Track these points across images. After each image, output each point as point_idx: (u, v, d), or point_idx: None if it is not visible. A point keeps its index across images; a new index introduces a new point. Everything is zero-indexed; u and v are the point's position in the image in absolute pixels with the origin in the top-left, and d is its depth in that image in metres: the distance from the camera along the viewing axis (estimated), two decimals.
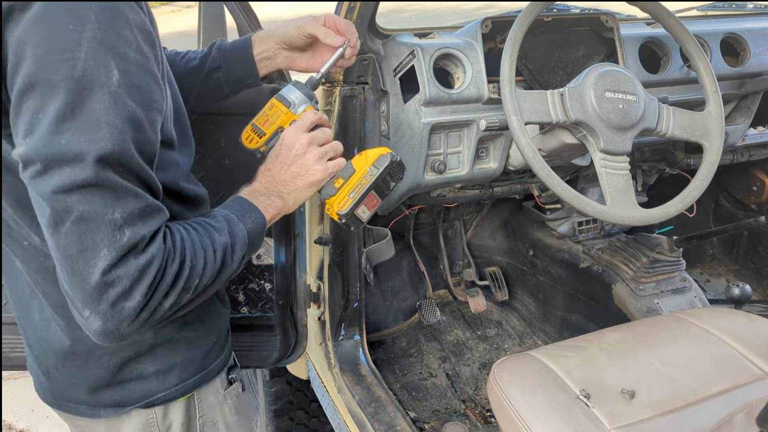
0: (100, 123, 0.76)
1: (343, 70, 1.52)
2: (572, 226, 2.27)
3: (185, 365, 1.04)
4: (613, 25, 1.69)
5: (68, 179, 0.75)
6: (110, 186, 0.77)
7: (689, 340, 1.45)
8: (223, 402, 1.14)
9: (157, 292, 0.81)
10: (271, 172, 1.07)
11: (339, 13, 1.44)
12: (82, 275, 0.77)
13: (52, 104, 0.74)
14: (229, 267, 0.93)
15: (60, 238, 0.77)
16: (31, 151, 0.75)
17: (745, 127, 1.99)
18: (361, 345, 1.84)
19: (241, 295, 1.69)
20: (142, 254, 0.79)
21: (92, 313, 0.79)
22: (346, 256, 1.73)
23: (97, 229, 0.77)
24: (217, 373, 1.12)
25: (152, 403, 1.03)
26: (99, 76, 0.76)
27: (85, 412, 1.04)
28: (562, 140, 1.48)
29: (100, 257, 0.77)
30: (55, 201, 0.76)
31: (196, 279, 0.86)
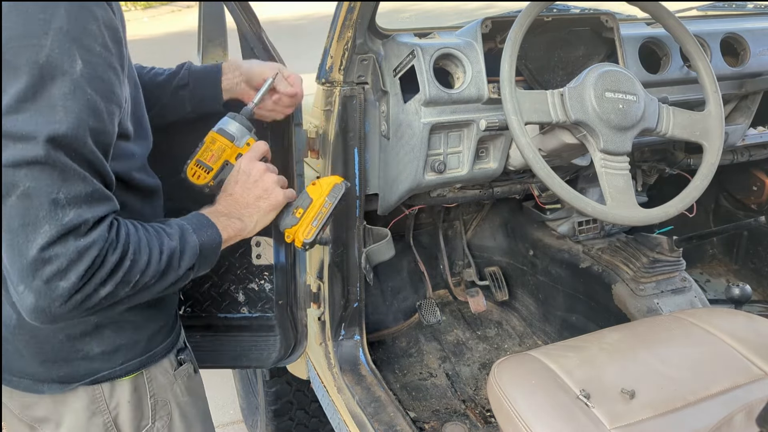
0: (56, 107, 0.80)
1: (344, 70, 1.52)
2: (572, 226, 2.27)
3: (130, 346, 1.08)
4: (613, 25, 1.69)
5: (18, 155, 0.79)
6: (58, 166, 0.80)
7: (689, 340, 1.45)
8: (173, 382, 1.17)
9: (94, 277, 0.83)
10: (234, 196, 1.12)
11: (339, 14, 1.44)
12: (20, 249, 0.79)
13: (13, 85, 0.79)
14: (174, 272, 0.96)
15: (5, 211, 0.80)
16: None
17: (745, 127, 1.99)
18: (361, 345, 1.84)
19: (240, 295, 1.69)
20: (83, 237, 0.82)
21: (26, 289, 0.81)
22: (346, 256, 1.73)
23: (41, 206, 0.79)
24: (164, 354, 1.15)
25: (97, 380, 1.06)
26: (62, 64, 0.80)
27: (29, 387, 1.05)
28: (562, 140, 1.48)
29: (40, 233, 0.79)
30: (4, 174, 0.79)
31: (137, 275, 0.89)
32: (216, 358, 1.72)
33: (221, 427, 2.59)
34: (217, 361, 1.73)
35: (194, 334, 1.71)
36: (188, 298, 1.69)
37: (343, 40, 1.47)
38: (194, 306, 1.69)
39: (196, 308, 1.69)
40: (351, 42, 1.48)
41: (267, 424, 2.16)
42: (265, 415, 2.14)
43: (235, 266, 1.66)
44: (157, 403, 1.15)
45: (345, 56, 1.50)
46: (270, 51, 1.52)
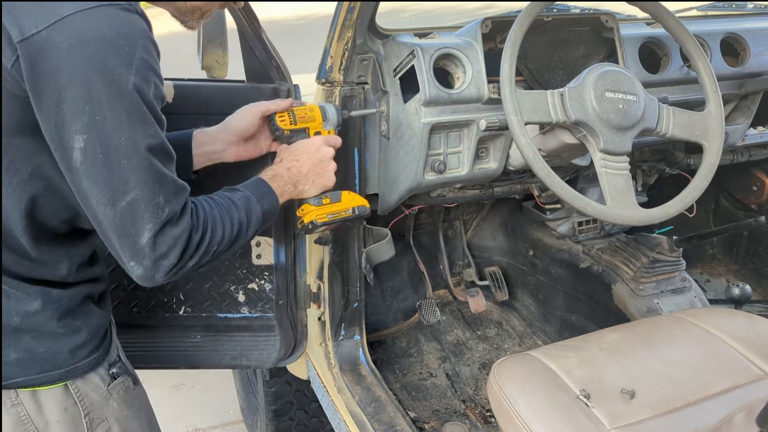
0: (148, 122, 0.96)
1: (344, 70, 1.52)
2: (572, 226, 2.27)
3: (48, 357, 1.08)
4: (613, 25, 1.68)
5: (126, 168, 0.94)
6: (156, 174, 0.97)
7: (689, 340, 1.45)
8: (108, 398, 1.17)
9: (185, 254, 1.01)
10: (299, 163, 1.29)
11: (339, 14, 1.44)
12: (132, 239, 0.97)
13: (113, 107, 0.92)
14: (243, 239, 1.13)
15: (116, 213, 0.96)
16: (94, 142, 0.92)
17: (745, 127, 1.99)
18: (361, 345, 1.84)
19: (241, 295, 1.70)
20: (176, 226, 1.00)
21: (136, 265, 0.99)
22: (346, 256, 1.73)
23: (146, 209, 0.96)
24: (90, 369, 1.14)
25: (11, 386, 1.06)
26: (147, 87, 0.95)
27: None
28: (562, 140, 1.48)
29: (147, 228, 0.97)
30: (115, 185, 0.95)
31: (214, 246, 1.06)
32: (216, 358, 1.72)
33: (221, 427, 2.59)
34: (218, 362, 1.73)
35: (194, 334, 1.71)
36: (188, 298, 1.69)
37: (343, 40, 1.47)
38: (194, 306, 1.69)
39: (196, 308, 1.69)
40: (351, 42, 1.48)
41: (267, 424, 2.16)
42: (265, 415, 2.14)
43: (235, 266, 1.66)
44: (93, 420, 1.14)
45: (345, 56, 1.50)
46: (270, 51, 1.52)
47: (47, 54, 0.89)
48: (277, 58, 1.53)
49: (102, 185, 0.94)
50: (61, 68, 0.89)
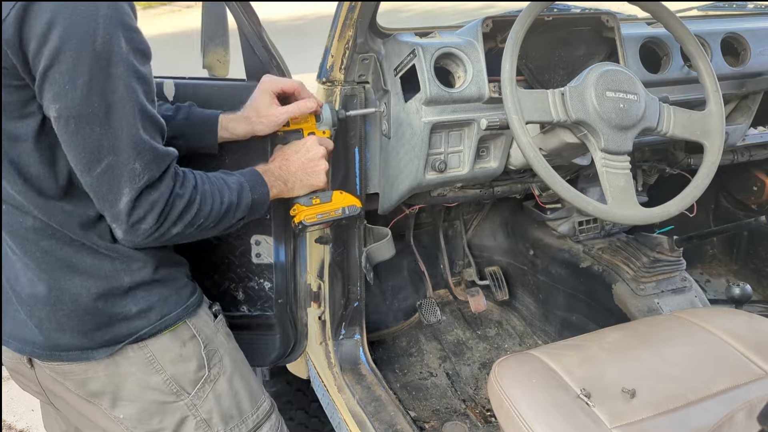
0: (121, 86, 0.96)
1: (344, 69, 1.52)
2: (572, 225, 2.27)
3: (162, 301, 1.19)
4: (614, 25, 1.69)
5: (99, 134, 0.96)
6: (132, 140, 0.98)
7: (690, 340, 1.45)
8: (216, 331, 1.30)
9: (166, 221, 1.04)
10: (288, 161, 1.32)
11: (340, 13, 1.44)
12: (110, 203, 1.01)
13: (80, 74, 0.93)
14: (229, 220, 1.16)
15: (92, 179, 0.99)
16: (65, 112, 0.94)
17: (746, 127, 1.99)
18: (362, 344, 1.84)
19: (240, 293, 1.69)
20: (154, 190, 1.02)
21: (117, 227, 1.03)
22: (347, 255, 1.73)
23: (121, 174, 0.99)
24: (197, 306, 1.26)
25: (140, 338, 1.17)
26: (113, 47, 0.94)
27: (79, 357, 1.15)
28: (562, 139, 1.48)
29: (123, 193, 1.00)
30: (88, 152, 0.97)
31: (201, 219, 1.09)
32: None
33: None
34: None
35: None
36: None
37: (344, 39, 1.47)
38: None
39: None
40: (352, 41, 1.48)
41: None
42: None
43: (234, 264, 1.66)
44: (209, 352, 1.26)
45: (346, 55, 1.50)
46: (270, 50, 1.52)
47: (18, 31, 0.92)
48: (278, 57, 1.53)
49: (77, 152, 0.98)
50: (29, 43, 0.92)
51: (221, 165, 1.55)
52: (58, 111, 0.94)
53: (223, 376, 1.28)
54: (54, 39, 0.91)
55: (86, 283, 1.11)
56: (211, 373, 1.26)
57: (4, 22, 0.91)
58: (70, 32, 0.91)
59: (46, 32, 0.91)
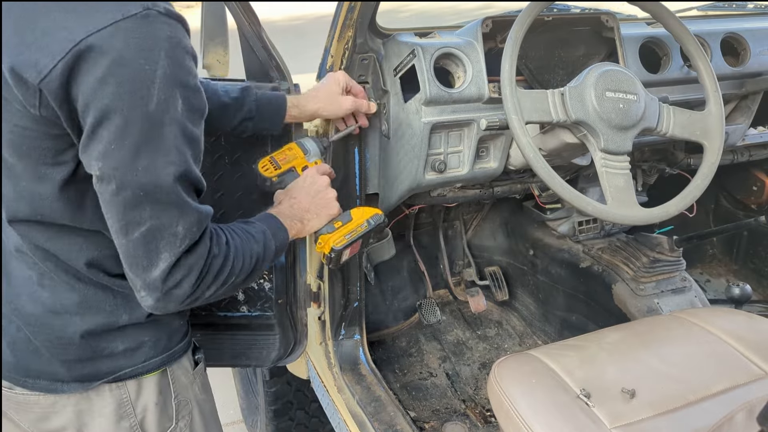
0: (171, 149, 0.89)
1: (344, 69, 1.52)
2: (572, 225, 2.27)
3: (152, 344, 1.12)
4: (614, 25, 1.69)
5: (143, 198, 0.89)
6: (177, 204, 0.92)
7: (689, 340, 1.45)
8: (193, 381, 1.22)
9: (202, 284, 0.97)
10: (297, 200, 1.27)
11: (339, 13, 1.44)
12: (144, 269, 0.92)
13: (129, 134, 0.86)
14: (258, 272, 1.10)
15: (129, 242, 0.91)
16: (109, 171, 0.88)
17: (746, 127, 1.99)
18: (361, 344, 1.84)
19: (240, 293, 1.69)
20: (192, 254, 0.94)
21: (147, 295, 0.94)
22: None
23: (162, 238, 0.91)
24: (183, 353, 1.19)
25: (120, 378, 1.09)
26: (169, 109, 0.88)
27: (46, 388, 1.06)
28: (562, 140, 1.48)
29: (161, 259, 0.92)
30: (128, 214, 0.90)
31: (232, 277, 1.02)
32: (216, 356, 1.72)
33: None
34: (217, 360, 1.73)
35: (194, 333, 1.71)
36: None
37: (343, 39, 1.47)
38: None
39: (195, 306, 1.69)
40: (351, 41, 1.48)
41: (267, 424, 2.16)
42: (265, 415, 2.14)
43: None
44: (180, 403, 1.18)
45: (345, 55, 1.50)
46: (270, 50, 1.52)
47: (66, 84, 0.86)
48: (277, 57, 1.53)
49: (114, 213, 0.91)
50: (78, 97, 0.86)
51: (220, 165, 1.55)
52: (101, 170, 0.88)
53: (187, 430, 1.21)
54: (107, 95, 0.84)
55: (83, 312, 1.05)
56: (178, 426, 1.19)
57: (51, 73, 0.84)
58: (125, 89, 0.85)
59: (99, 86, 0.84)
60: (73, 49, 0.83)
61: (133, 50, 0.84)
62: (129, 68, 0.84)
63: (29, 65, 0.86)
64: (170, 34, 0.88)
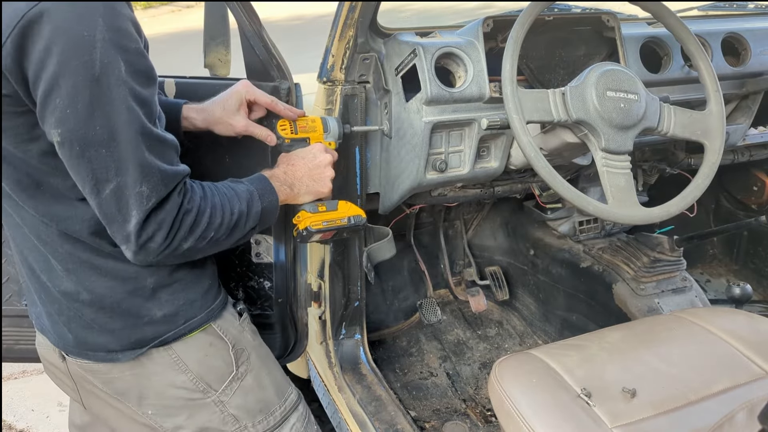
0: (122, 109, 0.94)
1: (345, 69, 1.52)
2: (573, 225, 2.27)
3: (188, 305, 1.19)
4: (615, 25, 1.69)
5: (106, 156, 0.95)
6: (139, 161, 0.97)
7: (690, 340, 1.45)
8: (243, 331, 1.31)
9: (175, 238, 1.03)
10: (294, 167, 1.30)
11: (340, 13, 1.44)
12: (118, 225, 1.00)
13: (80, 98, 0.91)
14: (241, 230, 1.14)
15: (101, 201, 0.98)
16: (68, 135, 0.93)
17: (746, 127, 1.99)
18: (362, 344, 1.84)
19: (240, 292, 1.69)
20: (161, 210, 1.01)
21: (126, 248, 1.02)
22: (347, 255, 1.73)
23: (129, 196, 0.98)
24: (223, 308, 1.27)
25: (164, 341, 1.18)
26: (114, 71, 0.93)
27: (104, 358, 1.17)
28: (563, 139, 1.48)
29: (132, 216, 0.99)
30: (96, 173, 0.96)
31: (211, 231, 1.08)
32: None
33: None
34: None
35: None
36: None
37: (344, 39, 1.47)
38: None
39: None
40: (352, 41, 1.48)
41: None
42: None
43: (234, 264, 1.66)
44: (237, 351, 1.27)
45: (346, 55, 1.50)
46: (271, 49, 1.52)
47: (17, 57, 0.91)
48: (278, 57, 1.53)
49: (84, 175, 0.97)
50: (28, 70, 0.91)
51: (221, 163, 1.55)
52: (61, 135, 0.94)
53: (250, 373, 1.30)
54: (52, 64, 0.90)
55: (110, 284, 1.13)
56: (239, 371, 1.27)
57: (3, 48, 0.90)
58: (69, 57, 0.90)
59: (44, 57, 0.90)
60: (18, 24, 0.89)
61: (71, 19, 0.90)
62: (68, 35, 0.89)
63: None
64: (106, 1, 0.93)
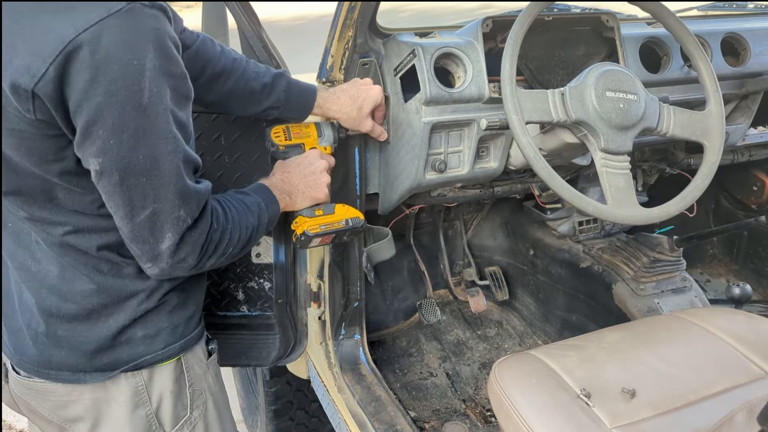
0: (167, 137, 0.93)
1: (344, 69, 1.52)
2: (572, 225, 2.27)
3: (170, 330, 1.14)
4: (614, 25, 1.68)
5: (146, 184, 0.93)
6: (178, 187, 0.96)
7: (690, 340, 1.45)
8: (206, 371, 1.24)
9: (204, 256, 1.04)
10: (290, 175, 1.31)
11: (339, 13, 1.44)
12: (151, 247, 0.98)
13: (126, 128, 0.89)
14: (252, 243, 1.16)
15: (133, 226, 0.96)
16: (109, 165, 0.91)
17: (746, 127, 1.99)
18: (362, 344, 1.84)
19: (240, 293, 1.69)
20: (194, 231, 1.01)
21: (153, 266, 1.01)
22: (347, 255, 1.73)
23: (166, 221, 0.97)
24: (197, 341, 1.21)
25: (139, 366, 1.11)
26: (161, 99, 0.91)
27: (69, 379, 1.09)
28: (562, 139, 1.48)
29: (166, 238, 0.98)
30: (133, 201, 0.94)
31: (230, 247, 1.09)
32: None
33: None
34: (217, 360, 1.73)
35: None
36: None
37: (343, 39, 1.47)
38: None
39: None
40: (352, 41, 1.48)
41: (267, 424, 2.16)
42: (265, 415, 2.14)
43: (234, 264, 1.66)
44: (194, 392, 1.21)
45: (346, 55, 1.50)
46: (270, 50, 1.52)
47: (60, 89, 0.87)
48: (277, 57, 1.53)
49: (119, 202, 0.95)
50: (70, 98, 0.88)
51: (221, 164, 1.55)
52: (102, 165, 0.91)
53: (201, 420, 1.22)
54: (98, 95, 0.86)
55: (102, 299, 1.07)
56: (193, 415, 1.20)
57: (43, 78, 0.85)
58: (117, 88, 0.86)
59: (89, 88, 0.86)
60: (63, 50, 0.84)
61: (120, 47, 0.85)
62: (118, 65, 0.86)
63: (22, 71, 0.86)
64: (155, 26, 0.89)
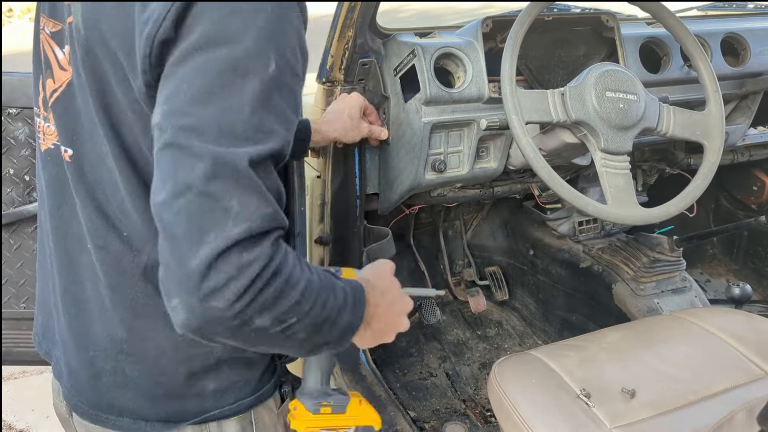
0: (244, 109, 0.70)
1: (344, 69, 1.52)
2: (572, 225, 2.27)
3: (242, 385, 0.98)
4: (614, 25, 1.69)
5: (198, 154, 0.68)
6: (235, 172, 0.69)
7: (689, 340, 1.45)
8: (276, 422, 1.07)
9: (253, 301, 0.69)
10: (381, 298, 0.94)
11: (339, 13, 1.44)
12: (180, 258, 0.68)
13: (202, 79, 0.70)
14: (317, 338, 0.79)
15: (171, 216, 0.68)
16: (166, 118, 0.70)
17: (746, 127, 1.99)
18: None
19: None
20: (246, 251, 0.68)
21: (180, 303, 0.69)
22: (347, 255, 1.73)
23: (209, 210, 0.68)
24: (272, 393, 1.05)
25: (206, 420, 0.95)
26: (256, 66, 0.71)
27: (128, 426, 0.94)
28: (562, 140, 1.48)
29: (206, 242, 0.67)
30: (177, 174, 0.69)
31: (293, 317, 0.73)
32: None
33: None
34: None
35: None
36: None
37: (343, 39, 1.47)
38: None
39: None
40: (352, 41, 1.48)
41: None
42: None
43: None
44: None
45: (345, 56, 1.50)
46: None
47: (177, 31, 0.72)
48: None
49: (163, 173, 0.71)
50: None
51: None
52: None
53: None
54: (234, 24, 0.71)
55: (176, 341, 0.89)
56: None
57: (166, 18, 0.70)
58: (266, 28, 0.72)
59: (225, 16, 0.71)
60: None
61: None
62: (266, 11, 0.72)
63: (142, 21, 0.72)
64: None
